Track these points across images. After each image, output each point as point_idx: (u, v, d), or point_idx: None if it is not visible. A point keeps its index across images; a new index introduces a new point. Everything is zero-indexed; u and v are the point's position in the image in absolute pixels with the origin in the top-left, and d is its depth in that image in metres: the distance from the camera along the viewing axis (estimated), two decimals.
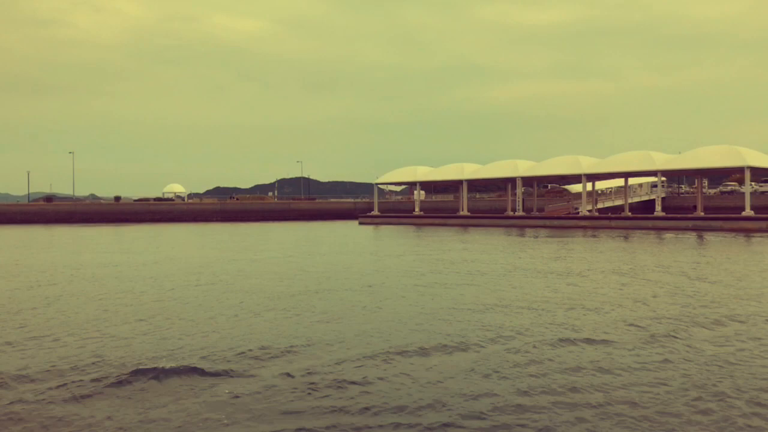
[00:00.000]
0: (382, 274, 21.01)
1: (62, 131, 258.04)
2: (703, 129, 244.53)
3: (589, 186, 60.74)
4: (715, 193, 71.67)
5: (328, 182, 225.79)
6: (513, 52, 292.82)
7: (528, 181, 65.04)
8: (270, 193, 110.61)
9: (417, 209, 69.86)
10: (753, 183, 68.49)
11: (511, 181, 64.84)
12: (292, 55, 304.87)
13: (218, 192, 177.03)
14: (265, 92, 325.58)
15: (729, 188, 71.35)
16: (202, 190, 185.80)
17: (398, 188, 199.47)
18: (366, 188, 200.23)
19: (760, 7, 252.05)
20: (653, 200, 68.12)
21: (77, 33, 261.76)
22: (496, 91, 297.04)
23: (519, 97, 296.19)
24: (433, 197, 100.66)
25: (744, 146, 52.06)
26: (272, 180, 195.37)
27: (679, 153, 60.08)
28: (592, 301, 14.66)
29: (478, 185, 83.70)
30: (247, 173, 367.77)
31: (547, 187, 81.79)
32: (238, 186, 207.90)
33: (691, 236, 40.27)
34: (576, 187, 67.33)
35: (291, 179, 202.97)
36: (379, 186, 76.79)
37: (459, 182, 67.55)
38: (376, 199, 73.92)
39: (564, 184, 73.01)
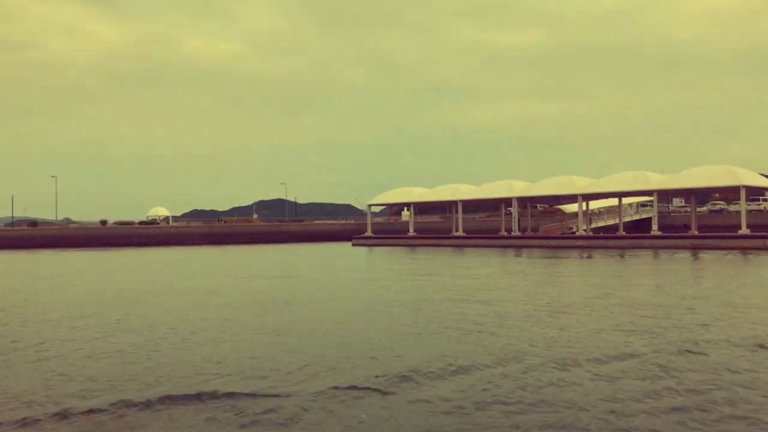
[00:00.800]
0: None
1: (41, 155, 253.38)
2: (675, 149, 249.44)
3: (594, 205, 61.51)
4: (703, 212, 73.01)
5: (307, 204, 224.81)
6: (489, 73, 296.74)
7: (521, 201, 65.65)
8: (255, 216, 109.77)
9: (411, 230, 69.91)
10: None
11: (505, 201, 65.43)
12: (268, 77, 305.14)
13: (195, 215, 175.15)
14: (242, 114, 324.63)
15: (718, 207, 72.85)
16: (179, 213, 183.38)
17: (377, 209, 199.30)
18: (345, 210, 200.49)
19: (732, 29, 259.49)
20: (644, 219, 69.41)
21: (51, 56, 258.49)
22: (472, 112, 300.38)
23: (495, 119, 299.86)
24: (419, 218, 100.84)
25: (715, 165, 53.45)
26: (250, 202, 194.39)
27: (661, 173, 61.52)
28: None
29: (469, 206, 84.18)
30: (223, 195, 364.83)
31: (536, 207, 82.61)
32: (215, 208, 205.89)
33: (703, 255, 40.91)
34: (569, 207, 68.11)
35: (269, 201, 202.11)
36: (357, 207, 76.98)
37: (453, 203, 67.95)
38: (369, 221, 73.87)
39: (555, 204, 73.80)
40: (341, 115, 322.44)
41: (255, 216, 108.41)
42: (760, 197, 67.59)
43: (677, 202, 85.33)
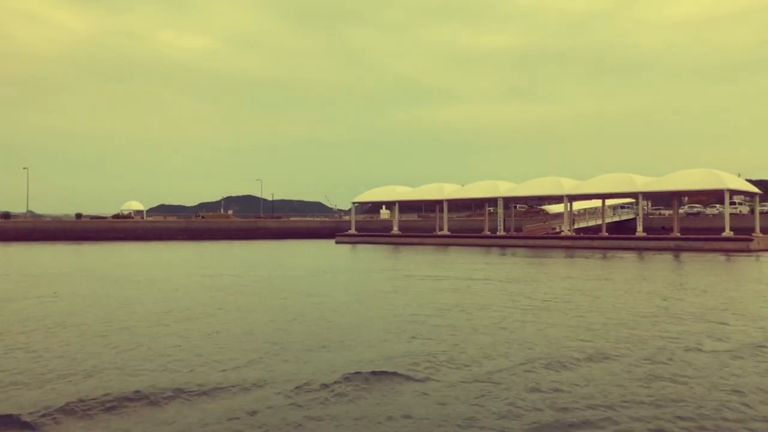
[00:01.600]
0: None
1: (7, 146, 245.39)
2: (643, 154, 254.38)
3: (575, 206, 62.29)
4: (681, 214, 74.63)
5: (276, 201, 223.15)
6: (460, 74, 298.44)
7: (506, 201, 66.26)
8: (230, 212, 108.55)
9: (395, 228, 69.96)
10: (718, 205, 71.98)
11: (490, 201, 66.02)
12: (238, 72, 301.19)
13: (163, 210, 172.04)
14: (211, 109, 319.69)
15: (695, 210, 74.55)
16: (146, 208, 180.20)
17: (347, 207, 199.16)
18: (314, 207, 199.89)
19: (700, 37, 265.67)
20: (623, 221, 70.78)
21: (15, 46, 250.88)
22: (443, 112, 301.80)
23: (466, 119, 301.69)
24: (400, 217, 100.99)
25: (681, 169, 54.83)
26: (218, 198, 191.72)
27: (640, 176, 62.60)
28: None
29: (451, 206, 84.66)
30: (191, 191, 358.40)
31: (515, 207, 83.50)
32: (182, 204, 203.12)
33: (698, 257, 41.88)
34: (552, 208, 68.99)
35: (238, 197, 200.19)
36: (326, 205, 76.88)
37: (437, 202, 68.25)
38: (353, 219, 73.77)
39: (539, 205, 74.68)
40: (310, 113, 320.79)
41: (230, 212, 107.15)
42: (736, 201, 69.44)
43: (643, 203, 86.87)
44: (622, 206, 72.91)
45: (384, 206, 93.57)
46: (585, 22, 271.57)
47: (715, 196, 66.81)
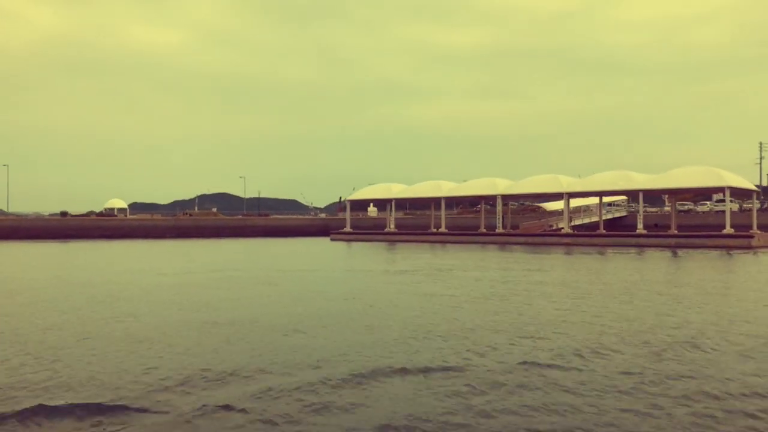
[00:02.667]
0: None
1: None
2: (615, 151, 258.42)
3: (563, 204, 62.79)
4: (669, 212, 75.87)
5: (249, 198, 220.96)
6: (434, 71, 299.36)
7: (504, 199, 66.45)
8: (214, 209, 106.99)
9: (392, 226, 69.65)
10: (708, 203, 73.38)
11: (487, 198, 66.18)
12: (212, 68, 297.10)
13: (137, 207, 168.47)
14: (184, 106, 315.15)
15: (686, 207, 75.79)
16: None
17: (322, 205, 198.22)
18: (290, 205, 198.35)
19: (668, 37, 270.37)
20: (615, 218, 71.69)
21: None
22: (417, 109, 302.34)
23: (439, 116, 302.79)
24: (381, 214, 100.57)
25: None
26: (192, 196, 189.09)
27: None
28: None
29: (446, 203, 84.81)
30: (164, 188, 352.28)
31: (507, 204, 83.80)
32: (156, 202, 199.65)
33: (707, 253, 42.56)
34: (551, 205, 69.50)
35: (212, 195, 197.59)
36: (302, 203, 76.31)
37: (434, 199, 68.18)
38: (348, 216, 73.14)
39: (537, 202, 75.15)
40: (284, 109, 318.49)
41: (214, 209, 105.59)
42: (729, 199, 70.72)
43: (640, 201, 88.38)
44: (611, 204, 73.73)
45: (372, 204, 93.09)
46: (557, 20, 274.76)
47: (706, 194, 68.10)
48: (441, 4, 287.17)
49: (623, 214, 72.83)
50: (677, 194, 60.07)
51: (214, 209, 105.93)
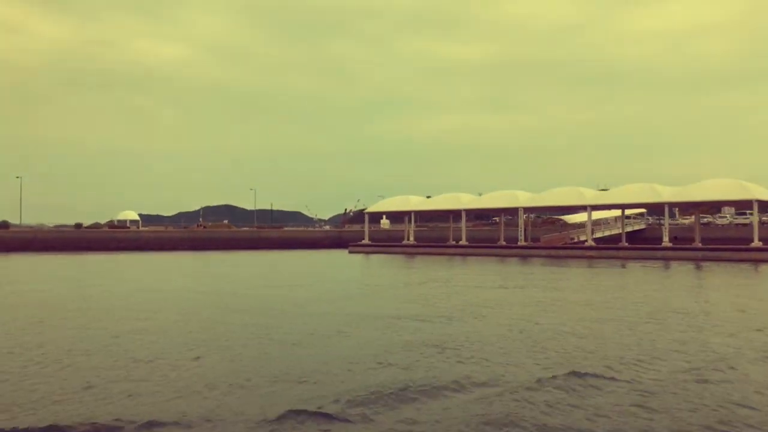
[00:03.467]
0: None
1: None
2: (619, 163, 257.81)
3: (585, 217, 62.56)
4: (692, 224, 75.62)
5: (255, 210, 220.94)
6: (438, 84, 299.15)
7: (525, 211, 66.12)
8: (225, 221, 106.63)
9: (411, 238, 69.30)
10: (728, 215, 73.16)
11: (507, 211, 65.93)
12: (217, 82, 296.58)
13: (143, 219, 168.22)
14: (189, 119, 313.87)
15: (705, 220, 75.49)
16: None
17: (326, 217, 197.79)
18: (295, 217, 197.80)
19: (672, 51, 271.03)
20: (636, 231, 71.39)
21: None
22: (422, 122, 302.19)
23: (445, 129, 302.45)
24: (395, 226, 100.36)
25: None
26: (196, 207, 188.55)
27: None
28: None
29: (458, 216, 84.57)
30: (168, 200, 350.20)
31: (528, 216, 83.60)
32: (160, 213, 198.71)
33: (733, 267, 42.23)
34: (570, 218, 69.21)
35: (216, 207, 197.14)
36: (307, 215, 76.07)
37: (454, 212, 67.87)
38: (367, 228, 72.72)
39: (554, 215, 74.91)
40: (290, 123, 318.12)
41: (226, 221, 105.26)
42: (747, 211, 70.59)
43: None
44: (628, 216, 73.44)
45: (384, 216, 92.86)
46: (559, 33, 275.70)
47: (734, 207, 67.95)
48: (445, 17, 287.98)
49: (642, 226, 72.48)
50: (700, 207, 59.80)
51: (226, 221, 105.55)
